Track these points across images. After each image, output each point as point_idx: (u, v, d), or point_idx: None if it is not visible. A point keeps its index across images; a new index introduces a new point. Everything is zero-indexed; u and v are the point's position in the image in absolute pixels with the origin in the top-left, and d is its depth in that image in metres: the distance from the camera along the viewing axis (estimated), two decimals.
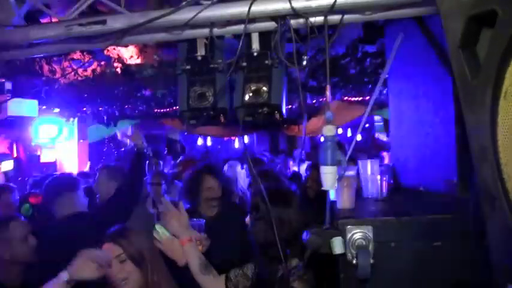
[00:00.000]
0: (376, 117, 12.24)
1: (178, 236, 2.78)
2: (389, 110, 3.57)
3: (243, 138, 13.32)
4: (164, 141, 13.94)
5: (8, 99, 3.08)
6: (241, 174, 6.84)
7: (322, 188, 2.26)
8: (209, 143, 15.45)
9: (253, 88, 2.71)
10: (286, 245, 2.54)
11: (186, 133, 13.89)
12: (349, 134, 13.79)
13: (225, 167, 6.93)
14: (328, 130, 2.19)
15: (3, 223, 3.15)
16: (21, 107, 3.21)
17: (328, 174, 2.18)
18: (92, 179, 5.17)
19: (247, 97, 2.72)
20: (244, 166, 6.86)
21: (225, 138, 15.59)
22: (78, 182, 3.92)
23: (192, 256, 2.74)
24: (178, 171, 6.83)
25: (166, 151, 13.23)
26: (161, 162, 6.86)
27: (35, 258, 3.21)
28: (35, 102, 3.35)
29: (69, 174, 5.89)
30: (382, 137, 12.89)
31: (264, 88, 2.69)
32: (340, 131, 14.26)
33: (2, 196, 4.88)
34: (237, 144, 15.82)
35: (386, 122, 10.14)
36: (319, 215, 2.44)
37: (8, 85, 3.18)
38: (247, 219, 2.92)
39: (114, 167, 4.90)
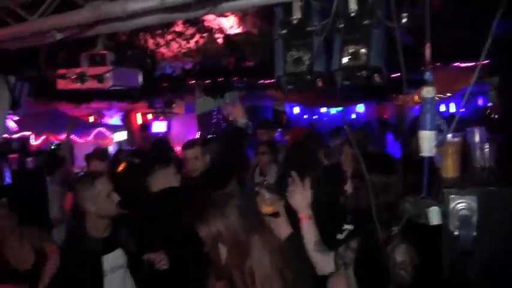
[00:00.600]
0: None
1: (298, 211, 2.85)
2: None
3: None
4: (271, 111, 14.01)
5: (111, 70, 3.17)
6: None
7: (420, 154, 2.15)
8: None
9: (351, 50, 2.59)
10: (389, 212, 2.48)
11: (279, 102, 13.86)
12: (452, 108, 13.06)
13: None
14: (427, 92, 2.06)
15: (90, 180, 3.31)
16: (124, 77, 3.30)
17: (426, 139, 2.06)
18: None
19: (345, 60, 2.61)
20: None
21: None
22: (171, 159, 4.01)
23: (310, 233, 2.82)
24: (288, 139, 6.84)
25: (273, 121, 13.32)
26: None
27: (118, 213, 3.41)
28: (138, 72, 3.43)
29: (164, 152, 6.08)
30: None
31: (363, 50, 2.56)
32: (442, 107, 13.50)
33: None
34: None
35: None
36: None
37: (111, 56, 3.29)
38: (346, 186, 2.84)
39: (209, 140, 5.01)
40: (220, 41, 5.37)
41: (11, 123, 4.00)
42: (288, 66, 2.76)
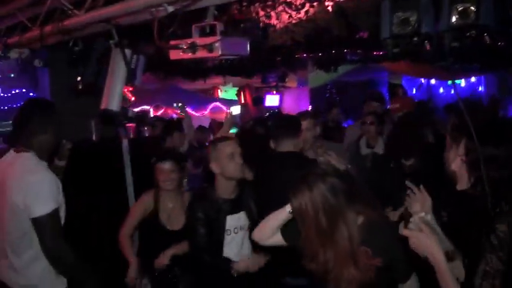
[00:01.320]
0: None
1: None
2: None
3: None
4: (386, 85, 13.61)
5: (220, 39, 3.28)
6: None
7: None
8: None
9: (460, 9, 2.49)
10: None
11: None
12: None
13: None
14: None
15: (215, 142, 3.67)
16: (233, 46, 3.40)
17: None
18: None
19: (453, 19, 2.51)
20: None
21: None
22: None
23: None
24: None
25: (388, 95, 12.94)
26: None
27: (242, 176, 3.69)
28: (246, 41, 3.51)
29: None
30: None
31: (472, 8, 2.44)
32: None
33: None
34: None
35: None
36: None
37: (220, 26, 3.39)
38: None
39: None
40: (330, 9, 5.29)
41: (129, 95, 4.26)
42: (395, 27, 2.71)
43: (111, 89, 4.25)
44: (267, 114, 11.25)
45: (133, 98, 10.09)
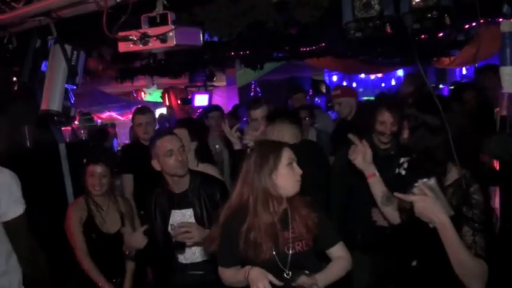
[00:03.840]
0: None
1: (363, 171, 2.93)
2: None
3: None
4: (309, 82, 13.82)
5: (174, 29, 3.18)
6: None
7: (502, 91, 2.11)
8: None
9: None
10: (449, 151, 2.41)
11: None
12: None
13: None
14: (507, 25, 2.01)
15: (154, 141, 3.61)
16: (187, 36, 3.31)
17: (507, 75, 2.02)
18: None
19: (415, 1, 2.57)
20: None
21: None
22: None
23: (377, 189, 2.92)
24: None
25: (311, 92, 13.17)
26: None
27: None
28: (199, 30, 3.43)
29: None
30: None
31: None
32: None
33: None
34: None
35: None
36: None
37: (172, 16, 3.29)
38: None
39: None
40: None
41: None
42: (357, 11, 2.73)
43: (51, 88, 4.02)
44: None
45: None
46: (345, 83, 14.94)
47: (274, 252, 2.68)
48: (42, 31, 4.16)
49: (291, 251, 2.72)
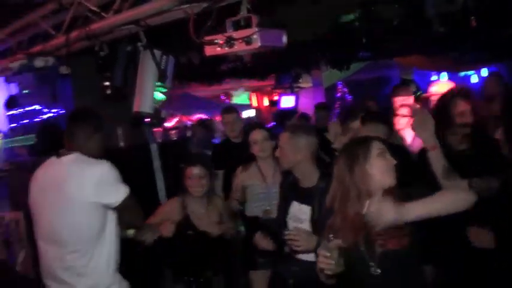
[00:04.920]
0: None
1: (424, 142, 2.97)
2: None
3: None
4: (398, 81, 13.47)
5: (258, 31, 3.25)
6: None
7: None
8: None
9: None
10: None
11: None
12: None
13: None
14: None
15: None
16: (270, 37, 3.37)
17: None
18: None
19: None
20: None
21: None
22: None
23: (438, 162, 2.92)
24: None
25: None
26: None
27: None
28: (282, 32, 3.48)
29: None
30: None
31: None
32: None
33: None
34: None
35: None
36: None
37: (256, 19, 3.36)
38: None
39: None
40: None
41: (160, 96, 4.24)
42: (441, 6, 2.68)
43: (142, 91, 4.24)
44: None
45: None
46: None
47: (362, 249, 2.60)
48: (132, 38, 4.38)
49: (381, 249, 2.59)
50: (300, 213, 3.49)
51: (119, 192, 3.05)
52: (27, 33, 5.25)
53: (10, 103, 7.64)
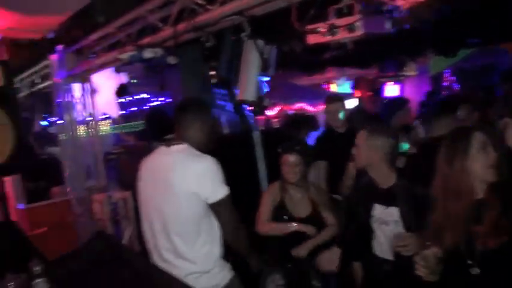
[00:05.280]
0: None
1: None
2: None
3: None
4: (507, 67, 12.68)
5: (361, 18, 3.24)
6: None
7: None
8: None
9: None
10: None
11: None
12: None
13: None
14: None
15: None
16: (373, 24, 3.35)
17: None
18: None
19: None
20: None
21: None
22: None
23: None
24: None
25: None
26: None
27: None
28: (385, 18, 3.45)
29: None
30: None
31: None
32: None
33: None
34: None
35: None
36: None
37: (358, 6, 3.35)
38: None
39: None
40: None
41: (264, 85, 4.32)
42: None
43: (246, 80, 4.34)
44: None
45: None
46: None
47: (462, 248, 2.49)
48: (236, 28, 4.49)
49: (481, 248, 2.44)
50: (386, 216, 3.39)
51: (217, 190, 3.09)
52: (135, 26, 5.52)
53: (120, 91, 8.08)
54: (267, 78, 4.47)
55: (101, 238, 3.60)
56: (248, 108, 4.50)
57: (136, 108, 9.53)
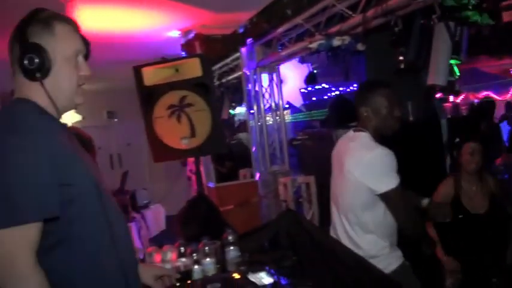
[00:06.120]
0: None
1: None
2: None
3: None
4: None
5: None
6: None
7: None
8: None
9: None
10: None
11: None
12: None
13: None
14: None
15: None
16: None
17: None
18: None
19: None
20: None
21: None
22: None
23: None
24: None
25: None
26: None
27: None
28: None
29: None
30: None
31: None
32: None
33: None
34: None
35: None
36: None
37: None
38: None
39: None
40: None
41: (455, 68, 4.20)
42: None
43: (436, 64, 4.27)
44: None
45: None
46: None
47: None
48: (426, 11, 4.42)
49: None
50: None
51: (384, 182, 3.00)
52: (323, 15, 5.67)
53: (309, 79, 8.35)
54: (458, 62, 4.34)
55: (289, 215, 3.79)
56: (437, 94, 4.41)
57: (316, 98, 9.75)
